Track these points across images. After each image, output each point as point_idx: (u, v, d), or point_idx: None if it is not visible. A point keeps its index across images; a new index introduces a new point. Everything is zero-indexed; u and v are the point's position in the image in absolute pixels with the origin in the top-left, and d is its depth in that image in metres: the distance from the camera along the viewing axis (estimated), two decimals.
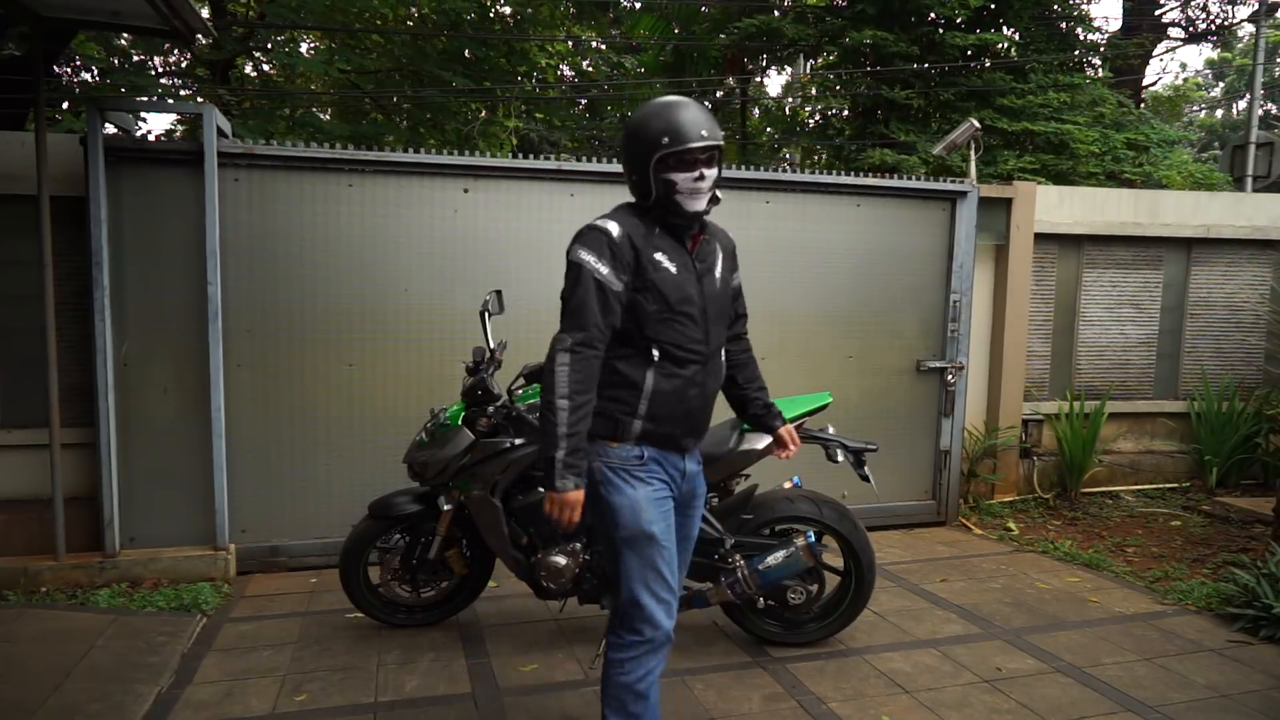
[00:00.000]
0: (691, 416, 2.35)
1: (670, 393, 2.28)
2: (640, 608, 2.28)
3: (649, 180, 2.23)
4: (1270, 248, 6.16)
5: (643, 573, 2.28)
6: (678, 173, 2.21)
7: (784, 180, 4.98)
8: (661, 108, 2.24)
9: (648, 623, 2.28)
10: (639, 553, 2.27)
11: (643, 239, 2.24)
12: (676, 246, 2.31)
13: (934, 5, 9.36)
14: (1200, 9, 15.72)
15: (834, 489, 4.23)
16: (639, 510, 2.26)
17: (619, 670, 2.30)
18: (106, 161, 3.96)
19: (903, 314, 5.24)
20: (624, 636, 2.31)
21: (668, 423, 2.30)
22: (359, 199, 4.36)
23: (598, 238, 2.21)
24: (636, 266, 2.22)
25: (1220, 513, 5.50)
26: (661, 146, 2.18)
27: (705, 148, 2.21)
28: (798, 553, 3.24)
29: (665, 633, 2.30)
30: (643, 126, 2.23)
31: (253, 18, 11.64)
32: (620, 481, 2.27)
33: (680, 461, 2.39)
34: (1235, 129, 20.17)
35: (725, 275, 2.46)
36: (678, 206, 2.25)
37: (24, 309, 4.13)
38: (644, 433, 2.28)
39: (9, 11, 4.06)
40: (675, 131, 2.18)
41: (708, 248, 2.41)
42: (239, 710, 2.96)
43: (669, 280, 2.26)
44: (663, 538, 2.29)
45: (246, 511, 4.34)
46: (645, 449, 2.30)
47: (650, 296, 2.23)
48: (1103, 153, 9.65)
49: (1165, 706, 3.03)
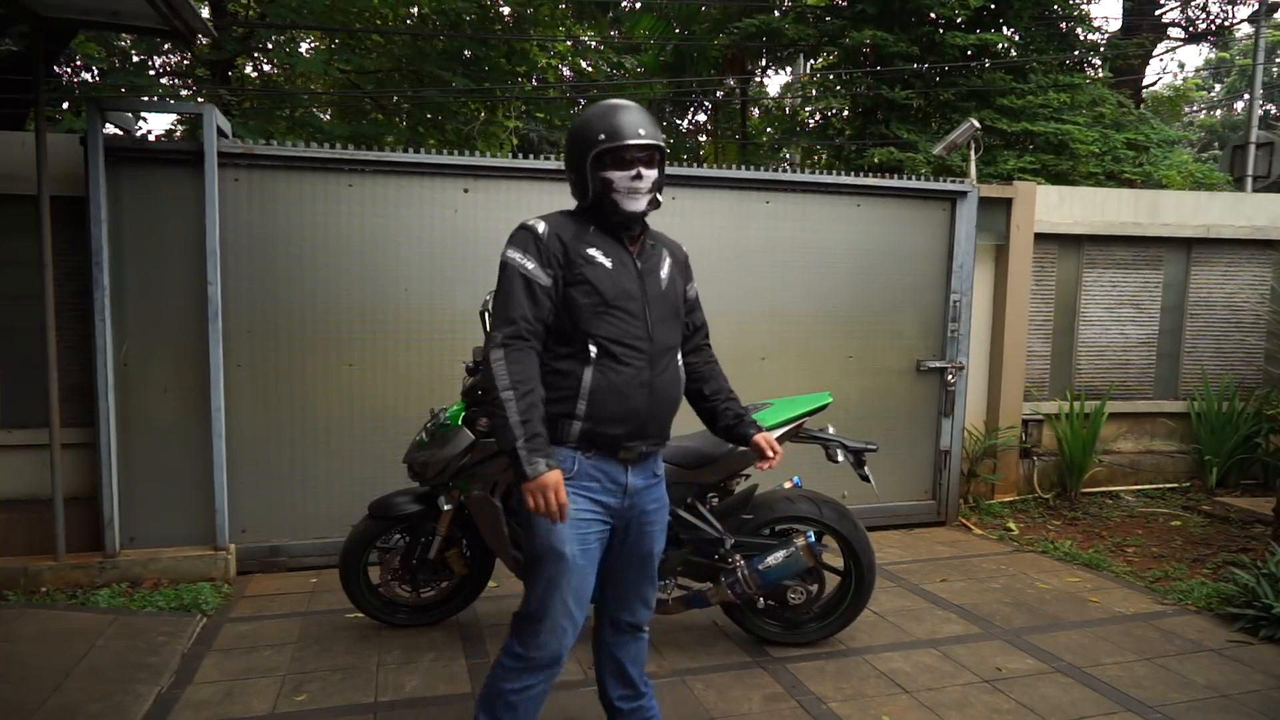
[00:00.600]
0: (637, 416, 2.23)
1: (610, 390, 2.19)
2: (536, 626, 2.22)
3: (586, 179, 2.23)
4: (1270, 248, 6.16)
5: (548, 593, 2.21)
6: (614, 171, 2.20)
7: (784, 180, 4.98)
8: (603, 109, 2.25)
9: (533, 644, 2.22)
10: (546, 570, 2.20)
11: (573, 235, 2.23)
12: (614, 244, 2.28)
13: (934, 5, 9.36)
14: (1200, 9, 15.72)
15: (834, 489, 4.23)
16: (553, 527, 2.17)
17: (499, 674, 2.27)
18: (106, 161, 3.96)
19: (903, 314, 5.24)
20: (513, 646, 2.26)
21: (608, 423, 2.20)
22: (359, 199, 4.36)
23: (524, 235, 2.22)
24: (566, 261, 2.20)
25: (1220, 513, 5.50)
26: (598, 143, 2.18)
27: (642, 146, 2.20)
28: (798, 553, 3.24)
29: (551, 655, 2.23)
30: (582, 126, 2.24)
31: (253, 18, 11.64)
32: None
33: (622, 474, 2.27)
34: (1235, 129, 20.17)
35: (674, 279, 2.42)
36: (615, 206, 2.23)
37: (24, 309, 4.13)
38: (583, 434, 2.20)
39: (9, 11, 4.06)
40: (612, 130, 2.19)
41: (652, 252, 2.38)
42: (239, 710, 2.96)
43: (604, 274, 2.22)
44: (574, 560, 2.20)
45: (246, 511, 4.34)
46: (580, 458, 2.21)
47: (584, 290, 2.20)
48: (1103, 153, 9.65)
49: (1165, 706, 3.03)
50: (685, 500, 3.30)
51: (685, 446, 3.30)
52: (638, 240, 2.35)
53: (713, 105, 16.62)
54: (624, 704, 2.51)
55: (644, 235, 2.37)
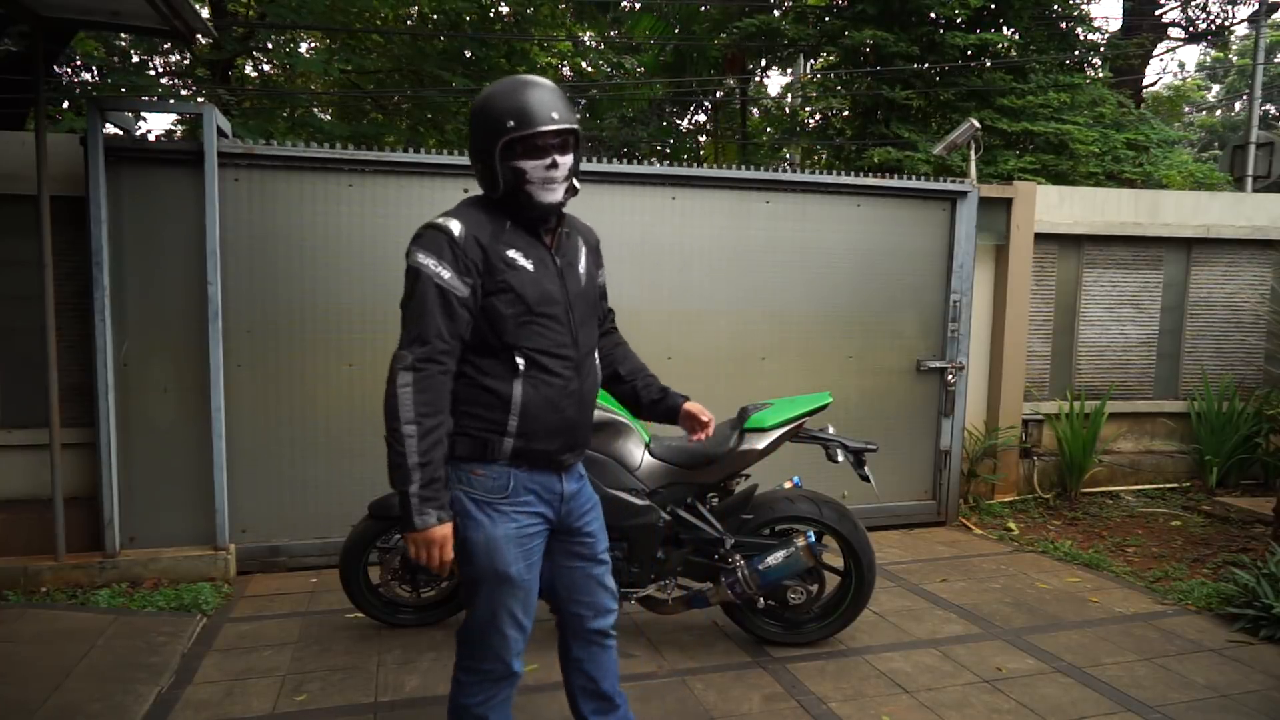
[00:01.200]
0: (569, 428, 2.12)
1: (542, 404, 2.05)
2: (484, 643, 2.14)
3: (495, 170, 2.00)
4: (1270, 248, 6.16)
5: (492, 612, 2.11)
6: (527, 160, 1.98)
7: (784, 180, 4.98)
8: (508, 87, 2.00)
9: (488, 658, 2.14)
10: (489, 592, 2.10)
11: (490, 236, 2.01)
12: (532, 242, 2.08)
13: (934, 5, 9.36)
14: (1200, 9, 15.72)
15: (834, 489, 4.24)
16: (495, 550, 2.06)
17: (460, 690, 2.20)
18: (107, 161, 3.96)
19: (903, 314, 5.24)
20: (465, 662, 2.19)
21: (542, 438, 2.07)
22: (359, 199, 4.36)
23: (437, 238, 1.97)
24: (486, 267, 1.99)
25: (1220, 513, 5.50)
26: (507, 131, 1.95)
27: (557, 131, 1.98)
28: (798, 553, 3.24)
29: (506, 667, 2.16)
30: (487, 110, 1.99)
31: (253, 18, 11.64)
32: (481, 516, 2.06)
33: (557, 484, 2.15)
34: (1235, 129, 20.16)
35: (590, 271, 2.25)
36: (529, 198, 2.02)
37: (24, 309, 4.13)
38: (516, 452, 2.05)
39: (9, 11, 4.06)
40: (521, 114, 1.95)
41: (568, 242, 2.19)
42: (239, 710, 2.96)
43: (526, 279, 2.03)
44: (520, 578, 2.10)
45: (246, 511, 4.34)
46: (515, 475, 2.08)
47: (506, 299, 2.00)
48: (1103, 153, 9.65)
49: (1165, 706, 3.03)
50: (685, 500, 3.30)
51: (685, 447, 3.31)
52: (554, 232, 2.15)
53: (713, 105, 16.61)
54: (597, 718, 2.40)
55: (560, 225, 2.17)
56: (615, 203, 4.67)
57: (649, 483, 3.24)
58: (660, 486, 3.26)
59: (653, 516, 3.21)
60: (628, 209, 4.70)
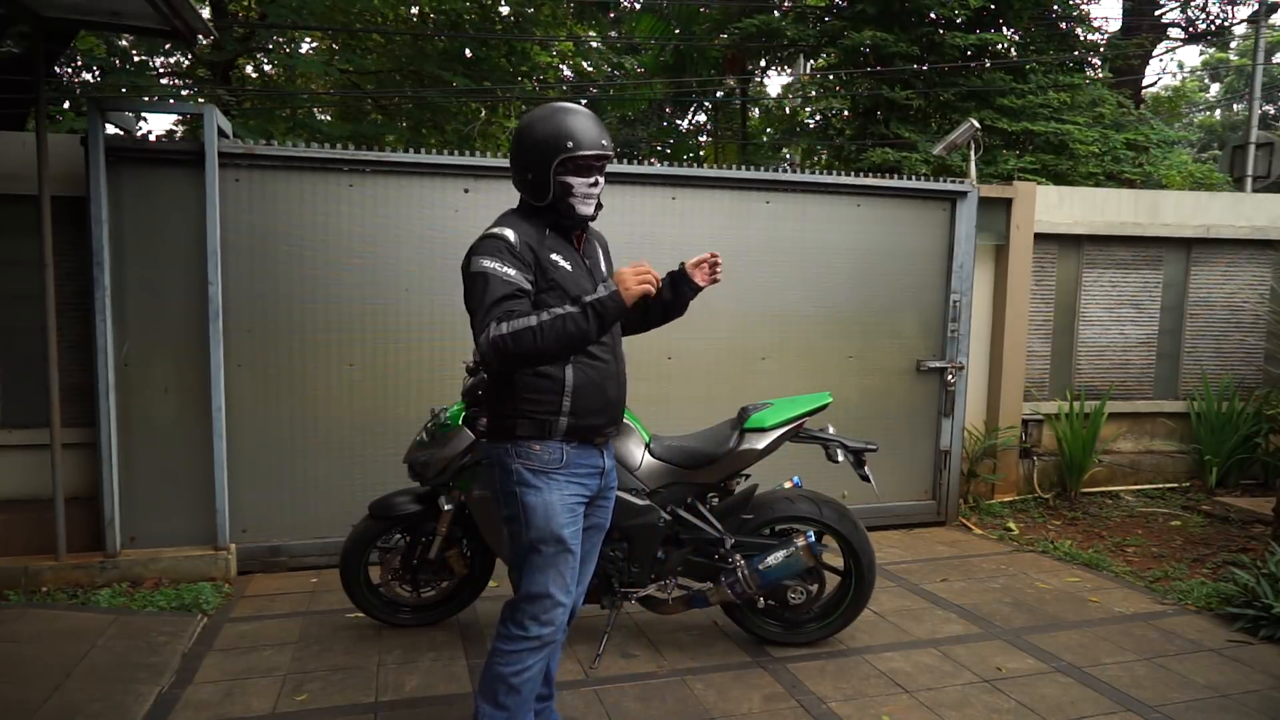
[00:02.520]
0: (611, 406, 2.42)
1: (590, 385, 2.34)
2: (537, 606, 2.34)
3: (549, 182, 2.29)
4: (1270, 248, 6.16)
5: (545, 574, 2.33)
6: (576, 177, 2.30)
7: (784, 180, 4.98)
8: (564, 114, 2.31)
9: (538, 622, 2.33)
10: (547, 554, 2.33)
11: (537, 242, 2.30)
12: (566, 245, 2.38)
13: (934, 5, 9.36)
14: (1200, 9, 15.72)
15: (834, 489, 4.24)
16: (553, 513, 2.31)
17: (498, 659, 2.35)
18: (107, 161, 3.96)
19: (903, 314, 5.25)
20: (512, 630, 2.36)
21: (591, 415, 2.36)
22: (359, 199, 4.36)
23: (497, 244, 2.24)
24: (538, 268, 2.27)
25: (1220, 513, 5.50)
26: (565, 150, 2.26)
27: (602, 155, 2.30)
28: (798, 552, 3.25)
29: (552, 634, 2.36)
30: (545, 130, 2.29)
31: (253, 18, 11.64)
32: (539, 483, 2.31)
33: (599, 459, 2.45)
34: (1235, 129, 20.17)
35: (610, 269, 2.56)
36: (570, 209, 2.33)
37: (25, 309, 4.14)
38: (570, 429, 2.33)
39: (9, 11, 4.06)
40: (578, 138, 2.27)
41: (590, 246, 2.50)
42: (239, 710, 2.96)
43: (568, 277, 2.32)
44: (571, 541, 2.35)
45: (247, 511, 4.34)
46: (567, 449, 2.35)
47: (555, 295, 2.27)
48: (1102, 153, 9.65)
49: (1165, 706, 3.03)
50: (685, 500, 3.30)
51: (685, 447, 3.31)
52: (580, 236, 2.45)
53: (713, 105, 16.62)
54: (538, 703, 2.60)
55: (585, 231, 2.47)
56: (615, 203, 4.66)
57: (649, 482, 3.25)
58: (660, 486, 3.26)
59: (653, 516, 3.21)
60: (628, 209, 4.70)
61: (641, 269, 2.15)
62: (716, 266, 2.53)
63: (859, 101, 10.83)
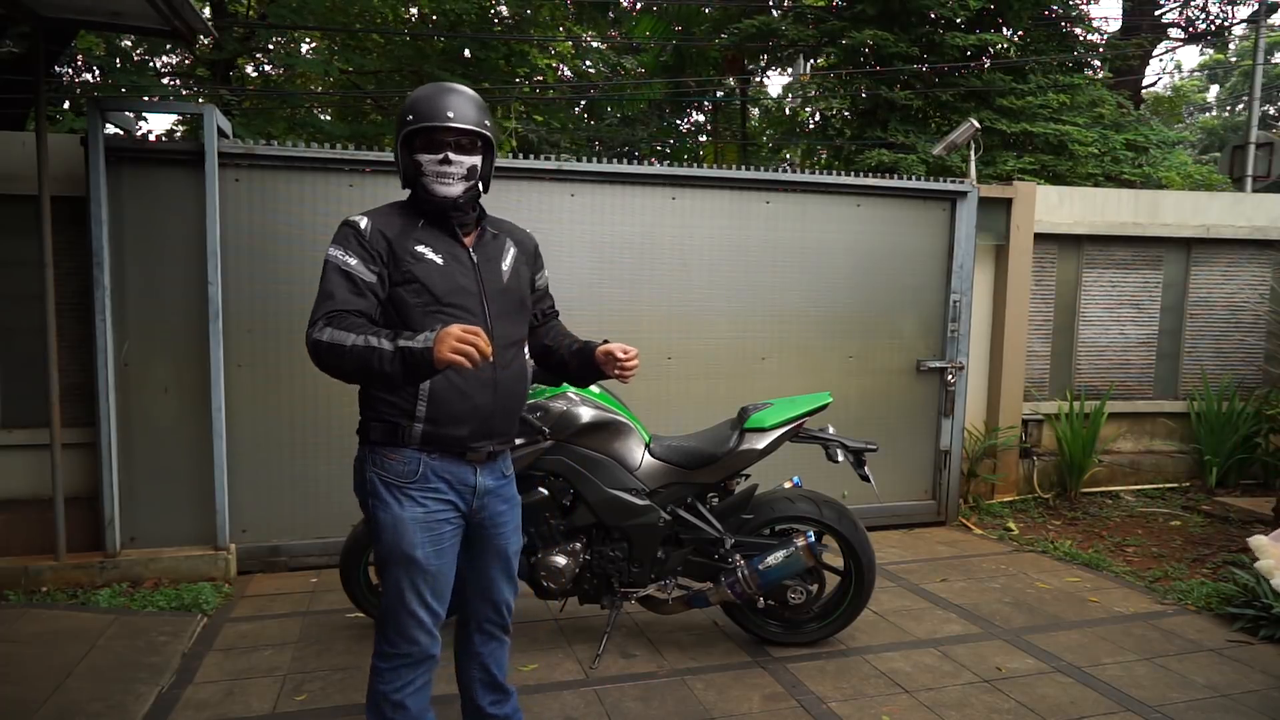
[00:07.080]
0: (480, 415, 2.18)
1: (451, 389, 2.13)
2: (396, 624, 2.20)
3: (399, 160, 2.21)
4: (1270, 248, 6.17)
5: (401, 592, 2.18)
6: (423, 154, 2.15)
7: (784, 180, 4.98)
8: (425, 90, 2.19)
9: (403, 639, 2.20)
10: (398, 572, 2.17)
11: (399, 231, 2.15)
12: (445, 238, 2.20)
13: (934, 5, 9.37)
14: (1200, 9, 15.73)
15: (834, 489, 4.24)
16: (401, 532, 2.14)
17: (376, 677, 2.24)
18: (107, 161, 3.96)
19: (903, 314, 5.25)
20: (383, 647, 2.24)
21: (450, 423, 2.15)
22: (359, 199, 4.35)
23: (345, 232, 2.13)
24: (392, 258, 2.11)
25: (1220, 513, 5.50)
26: (405, 124, 2.16)
27: (452, 130, 2.13)
28: (798, 552, 3.25)
29: (422, 650, 2.22)
30: (403, 105, 2.20)
31: (253, 18, 11.64)
32: (390, 499, 2.15)
33: (469, 476, 2.22)
34: (1235, 129, 20.17)
35: (517, 270, 2.32)
36: (425, 189, 2.17)
37: (24, 309, 4.13)
38: (426, 437, 2.14)
39: (9, 11, 4.06)
40: (420, 110, 2.13)
41: (493, 242, 2.30)
42: (239, 710, 2.96)
43: (433, 271, 2.14)
44: (426, 562, 2.16)
45: (247, 511, 4.34)
46: (425, 461, 2.16)
47: (412, 289, 2.12)
48: (1102, 153, 9.66)
49: (1165, 706, 3.03)
50: (685, 500, 3.30)
51: (685, 447, 3.31)
52: (473, 231, 2.27)
53: (713, 106, 16.62)
54: (496, 709, 2.51)
55: (482, 225, 2.29)
56: (616, 203, 4.67)
57: (649, 483, 3.25)
58: (660, 486, 3.27)
59: (653, 516, 3.21)
60: (628, 209, 4.70)
61: (471, 336, 1.85)
62: (626, 369, 2.32)
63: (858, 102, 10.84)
